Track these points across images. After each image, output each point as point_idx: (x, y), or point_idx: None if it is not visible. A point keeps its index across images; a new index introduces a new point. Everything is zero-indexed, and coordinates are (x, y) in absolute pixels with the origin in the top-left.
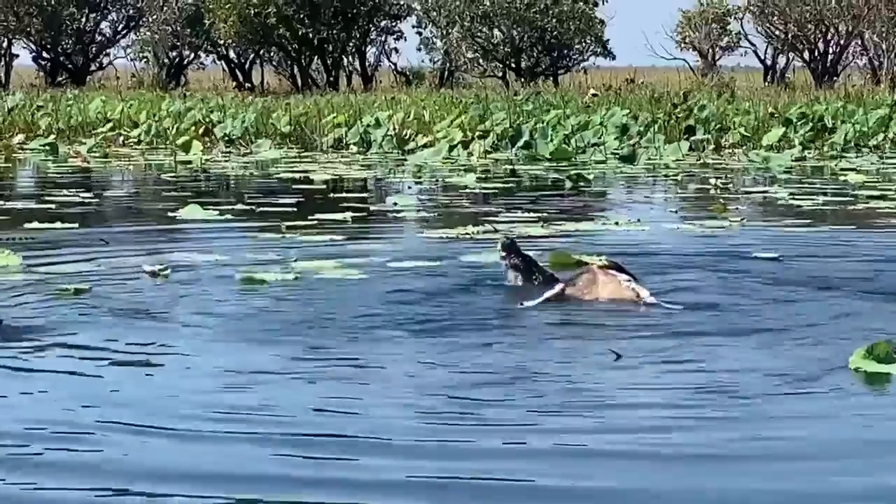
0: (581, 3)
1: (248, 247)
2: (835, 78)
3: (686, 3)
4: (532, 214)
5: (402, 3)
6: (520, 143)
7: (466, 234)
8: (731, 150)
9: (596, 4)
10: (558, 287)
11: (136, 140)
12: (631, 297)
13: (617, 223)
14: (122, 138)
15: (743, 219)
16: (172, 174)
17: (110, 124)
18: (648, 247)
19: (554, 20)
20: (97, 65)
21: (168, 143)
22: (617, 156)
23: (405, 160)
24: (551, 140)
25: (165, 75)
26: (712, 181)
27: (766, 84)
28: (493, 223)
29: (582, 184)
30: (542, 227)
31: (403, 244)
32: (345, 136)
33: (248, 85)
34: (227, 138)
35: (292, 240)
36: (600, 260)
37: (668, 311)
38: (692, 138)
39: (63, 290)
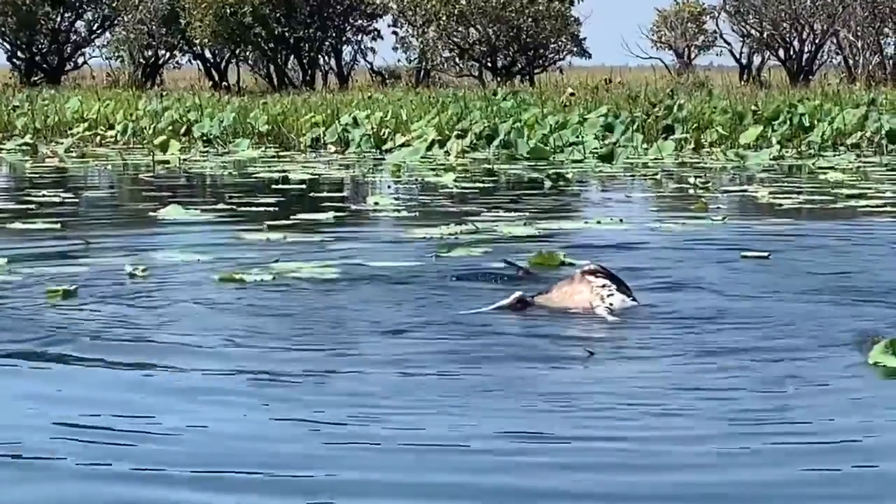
0: (557, 3)
1: (230, 247)
2: (810, 77)
3: (662, 2)
4: (514, 214)
5: (377, 2)
6: (498, 143)
7: (452, 234)
8: (709, 149)
9: (572, 3)
10: (514, 296)
11: (113, 140)
12: (588, 307)
13: (599, 222)
14: (98, 138)
15: (725, 217)
16: (151, 174)
17: (87, 124)
18: (633, 245)
19: (530, 19)
20: (72, 64)
21: (145, 142)
22: (595, 155)
23: (383, 159)
24: (529, 139)
25: (141, 75)
26: (691, 180)
27: (742, 83)
28: (476, 223)
29: (562, 183)
30: (525, 226)
31: (384, 244)
32: (323, 136)
33: (224, 84)
34: (204, 138)
35: (274, 240)
36: (587, 264)
37: (662, 314)
38: (671, 137)
39: (52, 292)
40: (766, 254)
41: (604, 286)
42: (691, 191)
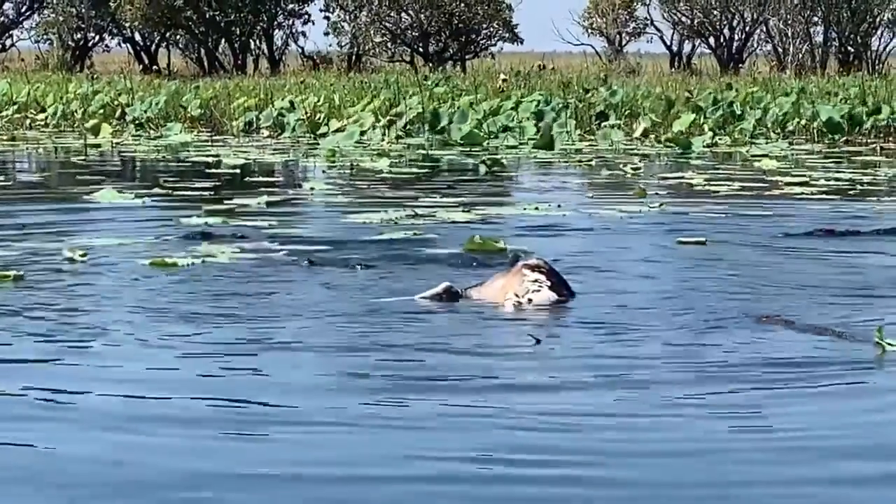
0: None
1: (166, 231)
2: (740, 65)
3: None
4: (451, 199)
5: None
6: (431, 128)
7: (391, 220)
8: (642, 136)
9: None
10: (441, 286)
11: (43, 122)
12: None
13: (537, 208)
14: (29, 121)
15: (662, 204)
16: (83, 157)
17: (16, 107)
18: (571, 232)
19: (462, 4)
20: (0, 46)
21: (76, 126)
22: (531, 141)
23: (318, 144)
24: (464, 125)
25: (70, 58)
26: (624, 167)
27: (673, 70)
28: (413, 208)
29: (497, 169)
30: (464, 212)
31: (322, 230)
32: (256, 120)
33: (154, 68)
34: (136, 122)
35: (210, 224)
36: (533, 258)
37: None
38: (605, 124)
39: (3, 276)
40: (702, 240)
41: (535, 281)
42: (625, 177)
